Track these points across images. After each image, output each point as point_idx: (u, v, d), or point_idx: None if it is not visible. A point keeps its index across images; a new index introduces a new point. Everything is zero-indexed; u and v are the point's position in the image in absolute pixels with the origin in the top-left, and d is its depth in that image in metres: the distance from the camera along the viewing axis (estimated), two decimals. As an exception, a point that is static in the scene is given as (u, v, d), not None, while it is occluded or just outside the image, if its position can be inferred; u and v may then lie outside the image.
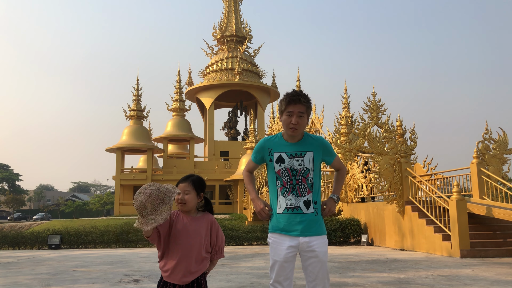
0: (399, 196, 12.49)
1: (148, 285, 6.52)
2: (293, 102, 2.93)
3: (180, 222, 2.84)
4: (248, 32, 50.07)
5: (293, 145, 3.02)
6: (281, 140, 3.06)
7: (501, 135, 12.66)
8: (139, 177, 42.83)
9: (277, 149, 3.04)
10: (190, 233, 2.82)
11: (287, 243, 2.96)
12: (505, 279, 6.71)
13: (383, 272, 7.63)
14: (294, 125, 2.93)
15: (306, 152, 3.00)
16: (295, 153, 3.00)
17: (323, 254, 2.95)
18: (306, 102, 2.95)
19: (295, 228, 2.95)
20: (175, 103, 47.01)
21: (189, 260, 2.79)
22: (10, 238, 16.77)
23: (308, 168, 2.99)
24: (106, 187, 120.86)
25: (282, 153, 3.01)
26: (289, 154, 3.00)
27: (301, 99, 2.93)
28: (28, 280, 7.17)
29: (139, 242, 16.40)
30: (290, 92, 3.00)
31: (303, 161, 2.98)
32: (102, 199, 74.06)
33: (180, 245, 2.79)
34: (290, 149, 3.01)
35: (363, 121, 18.55)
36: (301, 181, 2.97)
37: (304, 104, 2.94)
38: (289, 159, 2.99)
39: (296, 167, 2.98)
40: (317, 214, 3.00)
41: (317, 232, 2.98)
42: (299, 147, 3.01)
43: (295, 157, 2.99)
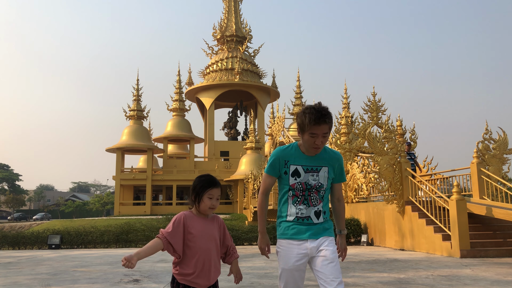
0: (399, 196, 12.48)
1: (148, 285, 6.52)
2: (318, 123, 2.73)
3: (196, 225, 2.76)
4: (248, 32, 50.07)
5: (310, 159, 2.91)
6: (298, 152, 2.93)
7: (501, 135, 12.66)
8: (139, 177, 42.82)
9: (293, 161, 2.91)
10: (208, 236, 2.76)
11: (295, 251, 2.88)
12: (505, 279, 6.71)
13: (383, 272, 7.63)
14: (319, 145, 2.81)
15: (321, 167, 2.91)
16: (311, 167, 2.90)
17: (333, 252, 2.88)
18: (330, 120, 2.77)
19: (303, 234, 2.89)
20: (175, 103, 47.03)
21: (209, 263, 2.74)
22: (10, 238, 16.77)
23: (322, 183, 2.92)
24: (106, 187, 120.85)
25: (298, 166, 2.89)
26: (305, 168, 2.89)
27: (326, 120, 2.74)
28: (28, 280, 7.17)
29: (139, 242, 16.39)
30: (313, 112, 2.75)
31: (318, 176, 2.90)
32: (102, 199, 74.08)
33: (199, 249, 2.72)
34: (306, 163, 2.90)
35: (363, 121, 18.56)
36: (313, 193, 2.91)
37: (328, 124, 2.76)
38: (304, 173, 2.89)
39: (310, 182, 2.89)
40: (326, 220, 2.97)
41: (325, 234, 2.93)
42: (315, 161, 2.91)
43: (310, 171, 2.89)
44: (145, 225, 18.76)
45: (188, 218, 2.77)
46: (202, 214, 2.81)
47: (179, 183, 43.76)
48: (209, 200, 2.74)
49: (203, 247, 2.73)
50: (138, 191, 46.22)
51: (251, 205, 30.60)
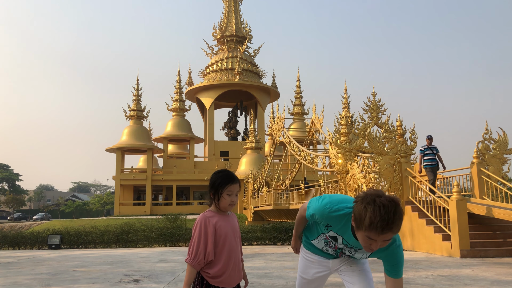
0: (399, 196, 12.48)
1: (148, 285, 6.52)
2: (384, 230, 2.09)
3: (221, 224, 2.66)
4: (248, 32, 50.07)
5: (356, 242, 2.41)
6: (347, 226, 2.38)
7: (501, 135, 12.65)
8: (139, 177, 42.82)
9: (337, 231, 2.45)
10: (232, 234, 2.69)
11: (317, 263, 2.74)
12: (505, 279, 6.71)
13: (383, 272, 7.62)
14: (373, 249, 2.23)
15: (367, 253, 2.51)
16: (356, 249, 2.50)
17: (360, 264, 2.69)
18: (398, 228, 2.13)
19: (327, 254, 2.71)
20: (175, 103, 47.03)
21: (237, 261, 2.69)
22: (10, 238, 16.77)
23: (355, 257, 2.60)
24: (106, 187, 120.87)
25: (340, 236, 2.46)
26: (346, 244, 2.49)
27: (394, 228, 2.11)
28: (28, 280, 7.16)
29: (139, 242, 16.40)
30: (377, 213, 2.07)
31: (355, 253, 2.55)
32: (102, 199, 74.10)
33: (227, 248, 2.64)
34: (352, 242, 2.44)
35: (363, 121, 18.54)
36: (339, 251, 2.64)
37: (395, 232, 2.13)
38: (343, 245, 2.52)
39: (345, 251, 2.57)
40: None
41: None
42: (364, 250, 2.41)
43: (350, 248, 2.51)
44: (145, 225, 18.78)
45: (212, 220, 2.64)
46: (222, 211, 2.71)
47: (179, 183, 43.75)
48: (228, 196, 2.64)
49: (231, 245, 2.66)
50: (139, 191, 46.19)
51: (251, 205, 30.61)
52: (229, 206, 2.66)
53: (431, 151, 12.63)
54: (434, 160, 12.52)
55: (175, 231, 16.53)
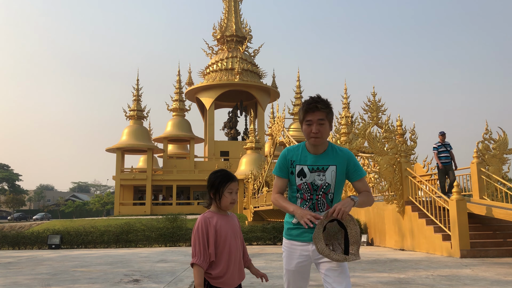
0: (399, 196, 12.48)
1: (148, 285, 6.52)
2: (310, 110, 2.72)
3: (222, 224, 2.65)
4: (248, 32, 50.07)
5: (316, 158, 2.80)
6: (304, 151, 2.84)
7: (501, 135, 12.66)
8: (139, 177, 42.82)
9: (299, 161, 2.82)
10: (234, 234, 2.70)
11: (298, 253, 2.84)
12: (505, 279, 6.71)
13: (383, 272, 7.63)
14: (316, 133, 2.71)
15: (328, 166, 2.79)
16: (317, 166, 2.79)
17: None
18: (325, 107, 2.72)
19: (306, 237, 2.81)
20: (175, 103, 47.03)
21: (238, 261, 2.69)
22: (10, 238, 16.78)
23: (329, 183, 2.80)
24: (106, 187, 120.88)
25: (304, 166, 2.81)
26: (311, 168, 2.79)
27: (318, 105, 2.71)
28: (28, 280, 7.17)
29: (139, 242, 16.40)
30: (307, 100, 2.78)
31: (324, 176, 2.79)
32: (102, 199, 74.10)
33: (228, 248, 2.64)
34: (312, 162, 2.80)
35: (363, 121, 18.57)
36: (320, 197, 2.81)
37: (322, 110, 2.71)
38: (310, 173, 2.79)
39: (317, 182, 2.79)
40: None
41: None
42: (322, 160, 2.80)
43: (316, 171, 2.79)
44: (145, 225, 18.78)
45: (212, 220, 2.63)
46: (223, 211, 2.71)
47: (179, 183, 43.76)
48: (229, 195, 2.65)
49: (232, 245, 2.65)
50: (139, 191, 46.21)
51: (251, 205, 30.59)
52: (230, 205, 2.67)
53: (445, 148, 12.09)
54: (448, 158, 12.01)
55: (175, 231, 16.53)
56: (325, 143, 2.82)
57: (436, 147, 12.11)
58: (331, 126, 2.79)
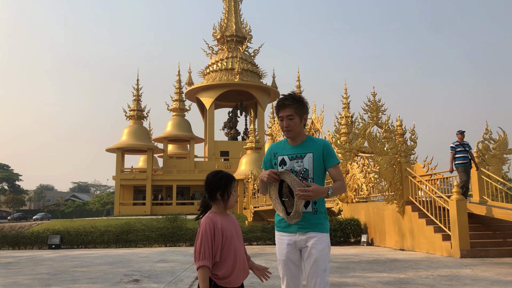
0: (399, 196, 12.49)
1: (148, 285, 6.52)
2: (280, 107, 3.01)
3: (226, 225, 2.68)
4: (248, 32, 50.08)
5: (295, 148, 3.09)
6: (286, 144, 3.14)
7: (501, 135, 12.66)
8: (139, 177, 42.83)
9: (280, 152, 3.12)
10: (236, 233, 2.74)
11: (286, 241, 3.04)
12: (505, 279, 6.71)
13: (383, 272, 7.63)
14: (287, 127, 3.01)
15: (306, 153, 3.04)
16: (296, 155, 3.06)
17: (318, 251, 2.96)
18: (293, 103, 2.99)
19: (294, 225, 3.01)
20: (175, 103, 47.03)
21: (242, 260, 2.73)
22: (10, 238, 16.78)
23: (307, 168, 3.02)
24: (106, 187, 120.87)
25: (284, 156, 3.09)
26: (290, 156, 3.07)
27: (286, 102, 2.99)
28: (28, 280, 7.17)
29: (139, 242, 16.40)
30: (279, 98, 3.05)
31: (302, 162, 3.03)
32: (102, 199, 74.09)
33: (234, 248, 2.67)
34: (291, 152, 3.08)
35: (363, 121, 18.55)
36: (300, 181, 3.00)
37: (290, 106, 2.98)
38: (290, 161, 3.06)
39: (296, 168, 3.04)
40: (316, 213, 3.00)
41: (315, 230, 2.98)
42: (300, 149, 3.07)
43: (295, 158, 3.05)
44: (145, 225, 18.78)
45: (216, 223, 2.63)
46: (225, 211, 2.75)
47: (179, 183, 43.76)
48: (235, 193, 2.76)
49: (237, 245, 2.69)
50: (140, 191, 46.20)
51: (251, 205, 30.58)
52: (235, 203, 2.79)
53: (463, 148, 11.27)
54: (467, 158, 11.24)
55: (175, 231, 16.53)
56: (303, 135, 3.10)
57: (454, 146, 11.33)
58: (303, 119, 3.04)
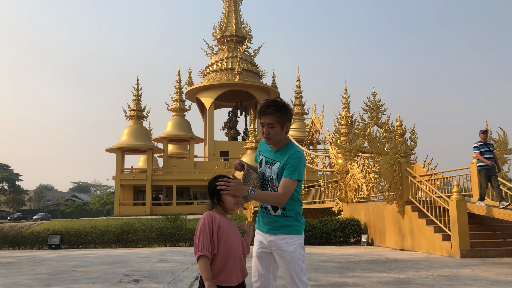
0: (399, 196, 12.48)
1: (148, 285, 6.52)
2: (261, 114, 2.99)
3: (224, 224, 2.74)
4: (248, 32, 50.05)
5: (272, 152, 3.11)
6: (269, 146, 3.17)
7: (501, 135, 12.65)
8: (139, 177, 42.82)
9: (263, 153, 3.18)
10: (235, 233, 2.79)
11: (259, 239, 3.13)
12: (505, 279, 6.71)
13: (383, 272, 7.63)
14: (267, 135, 3.01)
15: (276, 162, 3.04)
16: (270, 160, 3.09)
17: (288, 253, 2.99)
18: (275, 112, 2.94)
19: (264, 226, 3.09)
20: (175, 103, 47.02)
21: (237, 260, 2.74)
22: (10, 238, 16.77)
23: (273, 177, 3.03)
24: (106, 187, 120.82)
25: (263, 157, 3.15)
26: (267, 160, 3.11)
27: (267, 110, 2.95)
28: (28, 280, 7.16)
29: (139, 242, 16.39)
30: (262, 103, 3.02)
31: (271, 169, 3.06)
32: (102, 199, 74.05)
33: (228, 246, 2.71)
34: (268, 155, 3.12)
35: (363, 121, 18.55)
36: (268, 187, 3.06)
37: (272, 115, 2.94)
38: (264, 165, 3.11)
39: (266, 173, 3.08)
40: (285, 216, 3.04)
41: (285, 232, 3.03)
42: (275, 156, 3.08)
43: (269, 164, 3.09)
44: (145, 225, 18.77)
45: (215, 218, 2.71)
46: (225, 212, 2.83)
47: (179, 183, 43.75)
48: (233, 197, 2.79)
49: (232, 244, 2.72)
50: (139, 191, 46.15)
51: (251, 205, 30.57)
52: (234, 206, 2.79)
53: (488, 148, 10.68)
54: (491, 160, 10.65)
55: (175, 231, 16.52)
56: (284, 141, 3.07)
57: (478, 146, 10.74)
58: (284, 127, 3.00)
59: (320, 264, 8.94)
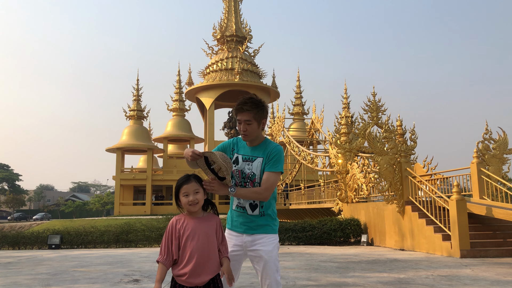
0: (399, 196, 12.48)
1: (148, 285, 6.52)
2: (238, 111, 2.98)
3: (188, 226, 2.80)
4: (248, 32, 50.05)
5: (250, 149, 3.09)
6: (243, 143, 3.15)
7: (501, 135, 12.65)
8: (139, 177, 42.83)
9: (237, 150, 3.13)
10: (203, 234, 2.79)
11: (233, 241, 3.09)
12: (505, 279, 6.71)
13: (383, 272, 7.63)
14: (244, 131, 3.00)
15: (257, 157, 3.04)
16: (249, 157, 3.06)
17: (266, 252, 3.00)
18: (252, 109, 2.95)
19: (240, 226, 3.07)
20: (175, 103, 47.04)
21: (203, 261, 2.76)
22: (10, 238, 16.76)
23: (255, 173, 3.02)
24: (106, 187, 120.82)
25: (239, 155, 3.10)
26: (244, 157, 3.08)
27: (244, 107, 2.95)
28: (28, 280, 7.16)
29: (139, 242, 16.39)
30: (239, 100, 3.01)
31: (251, 166, 3.04)
32: (102, 199, 74.05)
33: (195, 247, 2.75)
34: (245, 152, 3.09)
35: (363, 121, 18.54)
36: (248, 184, 3.03)
37: (249, 111, 2.94)
38: (242, 162, 3.08)
39: (246, 170, 3.05)
40: (263, 215, 3.05)
41: (262, 231, 3.03)
42: (253, 152, 3.07)
43: (247, 161, 3.06)
44: (145, 225, 18.75)
45: (178, 223, 2.82)
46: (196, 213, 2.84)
47: (179, 183, 43.77)
48: (185, 197, 2.79)
49: (196, 246, 2.75)
50: (140, 191, 46.13)
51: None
52: (190, 207, 2.79)
53: None
54: None
55: (175, 231, 16.49)
56: (260, 138, 3.08)
57: None
58: (261, 124, 3.01)
59: (320, 264, 8.94)
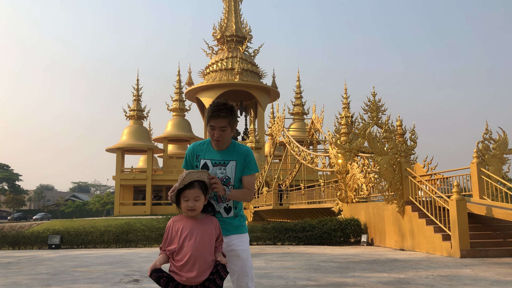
0: (399, 196, 12.48)
1: (148, 285, 6.52)
2: (213, 117, 2.97)
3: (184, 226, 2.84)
4: (248, 32, 50.05)
5: (219, 153, 3.07)
6: (209, 147, 3.11)
7: (501, 135, 12.64)
8: (139, 177, 42.84)
9: (203, 156, 3.09)
10: (199, 235, 2.82)
11: None
12: (505, 279, 6.71)
13: (383, 272, 7.63)
14: (218, 138, 2.99)
15: (229, 161, 3.05)
16: (219, 161, 3.05)
17: (243, 251, 3.05)
18: (227, 116, 2.95)
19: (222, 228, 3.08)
20: (175, 103, 47.06)
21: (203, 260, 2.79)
22: (10, 238, 16.76)
23: (229, 176, 3.04)
24: (106, 187, 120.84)
25: (207, 160, 3.07)
26: (214, 162, 3.05)
27: (221, 114, 2.94)
28: (28, 280, 7.16)
29: (139, 242, 16.39)
30: (213, 105, 2.99)
31: (225, 170, 3.03)
32: (102, 199, 74.07)
33: (192, 247, 2.79)
34: (215, 157, 3.06)
35: (363, 121, 18.53)
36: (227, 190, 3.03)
37: (224, 118, 2.95)
38: (213, 167, 3.04)
39: (218, 175, 3.03)
40: (237, 216, 3.09)
41: (237, 232, 3.08)
42: (224, 156, 3.06)
43: (218, 165, 3.04)
44: (145, 225, 18.75)
45: (175, 222, 2.88)
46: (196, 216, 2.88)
47: (179, 183, 43.77)
48: (185, 202, 2.81)
49: (194, 246, 2.79)
50: (138, 191, 46.12)
51: (251, 205, 30.57)
52: (188, 211, 2.82)
53: None
54: None
55: (175, 231, 16.48)
56: (229, 142, 3.09)
57: None
58: (233, 129, 3.04)
59: (320, 264, 8.94)
